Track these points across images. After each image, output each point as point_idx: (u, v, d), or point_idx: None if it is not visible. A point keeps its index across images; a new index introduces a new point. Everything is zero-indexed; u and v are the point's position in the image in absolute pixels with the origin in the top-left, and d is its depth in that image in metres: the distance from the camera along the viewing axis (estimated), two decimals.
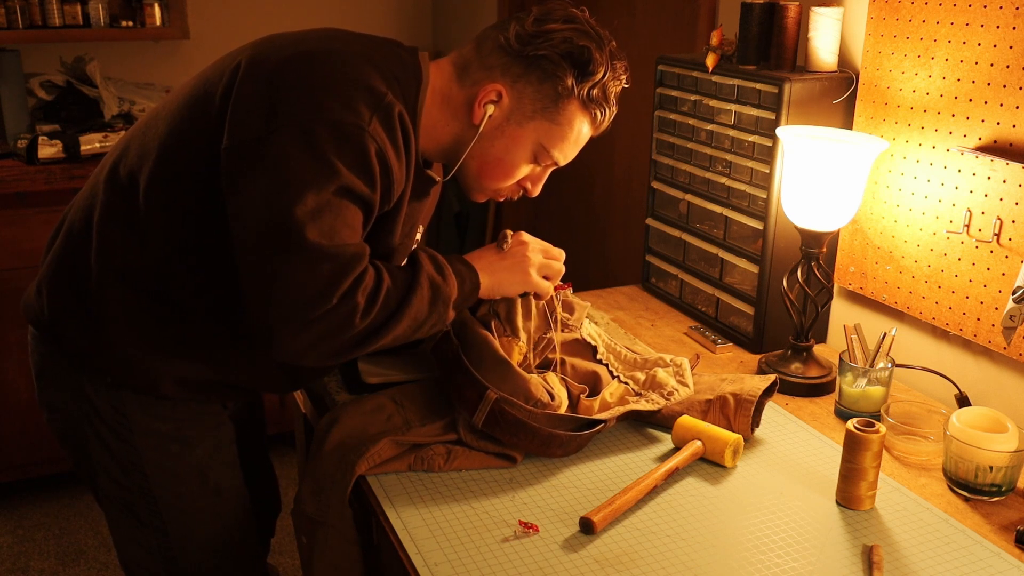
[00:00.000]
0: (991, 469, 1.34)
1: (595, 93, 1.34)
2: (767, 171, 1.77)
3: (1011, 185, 1.48)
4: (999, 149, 1.49)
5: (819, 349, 1.81)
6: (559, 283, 1.64)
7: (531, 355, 1.54)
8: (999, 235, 1.51)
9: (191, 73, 1.45)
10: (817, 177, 1.58)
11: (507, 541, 1.25)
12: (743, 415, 1.49)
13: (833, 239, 1.82)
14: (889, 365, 1.57)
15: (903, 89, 1.65)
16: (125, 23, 3.00)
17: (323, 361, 1.29)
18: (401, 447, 1.40)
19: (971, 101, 1.53)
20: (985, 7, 1.48)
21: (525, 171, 1.41)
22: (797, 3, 1.76)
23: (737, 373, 1.71)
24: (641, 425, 1.55)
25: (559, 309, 1.61)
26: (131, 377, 1.41)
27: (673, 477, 1.40)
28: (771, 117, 1.74)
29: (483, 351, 1.46)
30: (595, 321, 1.91)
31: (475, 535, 1.26)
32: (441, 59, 1.40)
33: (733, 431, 1.47)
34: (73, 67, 2.96)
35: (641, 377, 1.57)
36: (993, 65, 1.48)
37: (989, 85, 1.50)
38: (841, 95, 1.75)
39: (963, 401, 1.56)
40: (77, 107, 2.96)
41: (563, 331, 1.61)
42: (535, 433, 1.38)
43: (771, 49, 1.79)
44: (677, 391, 1.51)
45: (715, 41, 1.87)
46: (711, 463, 1.44)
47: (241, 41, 1.42)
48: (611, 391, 1.52)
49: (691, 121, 1.97)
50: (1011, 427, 1.37)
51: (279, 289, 1.21)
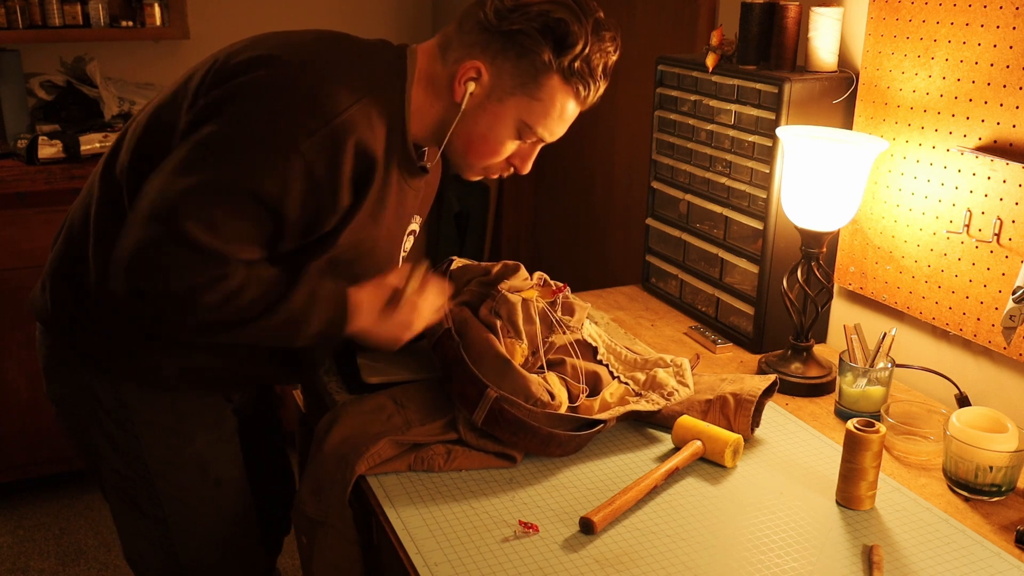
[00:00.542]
0: (991, 469, 1.34)
1: (576, 66, 1.31)
2: (767, 171, 1.77)
3: (1011, 185, 1.48)
4: (999, 149, 1.49)
5: (819, 349, 1.81)
6: (555, 285, 1.64)
7: (531, 357, 1.54)
8: (999, 235, 1.51)
9: None
10: (817, 177, 1.58)
11: (507, 541, 1.25)
12: (743, 415, 1.49)
13: (833, 239, 1.82)
14: (889, 365, 1.57)
15: (903, 89, 1.65)
16: (125, 23, 2.99)
17: (149, 324, 1.30)
18: (401, 447, 1.40)
19: (971, 101, 1.53)
20: (985, 7, 1.48)
21: (511, 148, 1.39)
22: (797, 3, 1.76)
23: (737, 373, 1.71)
24: (641, 425, 1.55)
25: (558, 312, 1.61)
26: (132, 370, 1.43)
27: (673, 477, 1.40)
28: (771, 117, 1.74)
29: (484, 350, 1.46)
30: (595, 321, 1.91)
31: (475, 535, 1.26)
32: (429, 41, 1.40)
33: (733, 431, 1.47)
34: (73, 67, 2.96)
35: (641, 377, 1.57)
36: (993, 65, 1.48)
37: (989, 85, 1.50)
38: (841, 95, 1.75)
39: (963, 401, 1.56)
40: (77, 107, 2.96)
41: (565, 333, 1.61)
42: (535, 432, 1.38)
43: (771, 49, 1.79)
44: (677, 391, 1.51)
45: (715, 41, 1.87)
46: (711, 463, 1.44)
47: None
48: (611, 391, 1.52)
49: (691, 121, 1.97)
50: (1011, 427, 1.37)
51: (139, 249, 1.21)
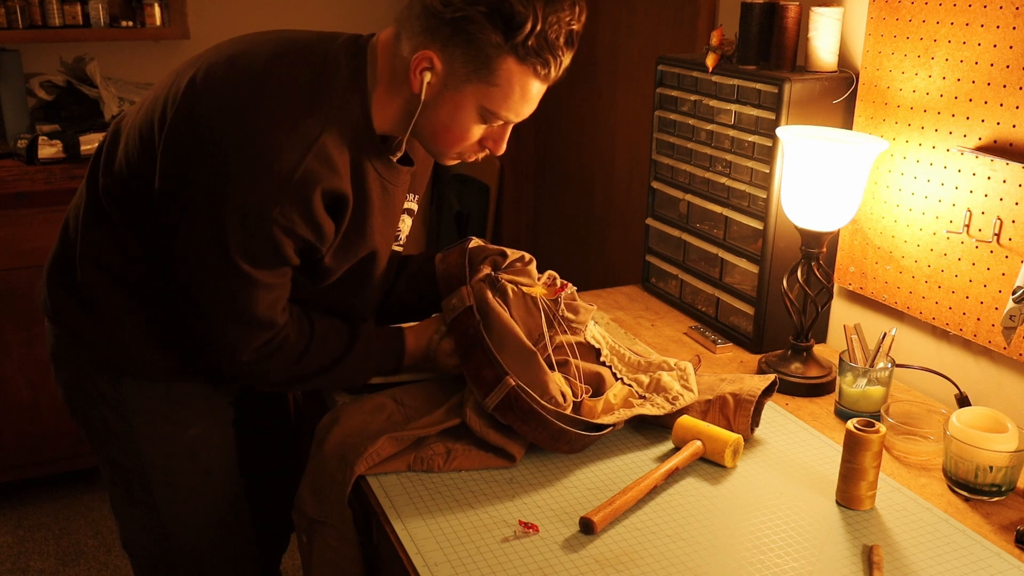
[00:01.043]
0: (991, 469, 1.34)
1: (531, 44, 1.24)
2: (767, 171, 1.76)
3: (1011, 185, 1.48)
4: (999, 149, 1.49)
5: (819, 349, 1.81)
6: (560, 283, 1.64)
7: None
8: (999, 235, 1.51)
9: None
10: (817, 177, 1.58)
11: (507, 541, 1.24)
12: (743, 415, 1.49)
13: (833, 239, 1.82)
14: (889, 365, 1.57)
15: (903, 89, 1.65)
16: (125, 23, 2.99)
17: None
18: (400, 444, 1.40)
19: (971, 101, 1.53)
20: (985, 7, 1.48)
21: (479, 132, 1.36)
22: (797, 3, 1.76)
23: (737, 373, 1.71)
24: (641, 425, 1.55)
25: (562, 310, 1.61)
26: (126, 361, 1.47)
27: (673, 477, 1.40)
28: (771, 117, 1.74)
29: (507, 335, 1.45)
30: (596, 322, 1.91)
31: (475, 535, 1.26)
32: (387, 30, 1.37)
33: (733, 431, 1.47)
34: (73, 67, 2.96)
35: (645, 380, 1.57)
36: (993, 65, 1.48)
37: (989, 85, 1.50)
38: (841, 95, 1.75)
39: (963, 401, 1.56)
40: (77, 107, 2.96)
41: (567, 333, 1.61)
42: (547, 425, 1.38)
43: (771, 49, 1.79)
44: (682, 396, 1.51)
45: (715, 41, 1.87)
46: (711, 463, 1.44)
47: None
48: (614, 392, 1.52)
49: (691, 121, 1.97)
50: (1011, 427, 1.37)
51: (198, 336, 1.40)
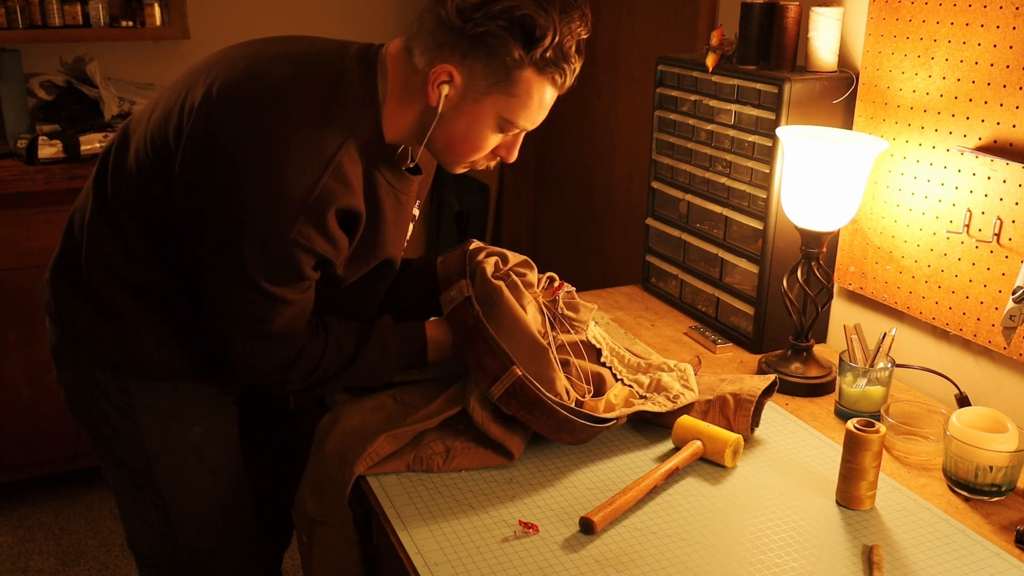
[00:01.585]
0: (991, 469, 1.34)
1: (549, 56, 1.27)
2: (767, 171, 1.77)
3: (1011, 185, 1.48)
4: (999, 149, 1.49)
5: (819, 349, 1.81)
6: (556, 282, 1.64)
7: None
8: (999, 235, 1.51)
9: None
10: (817, 177, 1.58)
11: (507, 541, 1.25)
12: (743, 415, 1.49)
13: (833, 239, 1.82)
14: (889, 365, 1.57)
15: (903, 89, 1.65)
16: (125, 23, 2.99)
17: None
18: (399, 441, 1.40)
19: (971, 101, 1.53)
20: (985, 7, 1.48)
21: (494, 141, 1.38)
22: (797, 3, 1.76)
23: (737, 373, 1.71)
24: (641, 425, 1.55)
25: (561, 308, 1.61)
26: (131, 361, 1.46)
27: (673, 477, 1.40)
28: (771, 117, 1.74)
29: (518, 329, 1.46)
30: (596, 322, 1.91)
31: (475, 535, 1.26)
32: (396, 41, 1.38)
33: (733, 431, 1.47)
34: (73, 67, 2.96)
35: (645, 381, 1.57)
36: (993, 65, 1.48)
37: (989, 85, 1.50)
38: (841, 95, 1.75)
39: (963, 401, 1.56)
40: (77, 107, 2.95)
41: (568, 331, 1.61)
42: (552, 414, 1.38)
43: (771, 49, 1.79)
44: (683, 395, 1.51)
45: (715, 41, 1.87)
46: (711, 463, 1.44)
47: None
48: (615, 393, 1.52)
49: (691, 121, 1.97)
50: (1011, 427, 1.37)
51: (236, 356, 1.40)
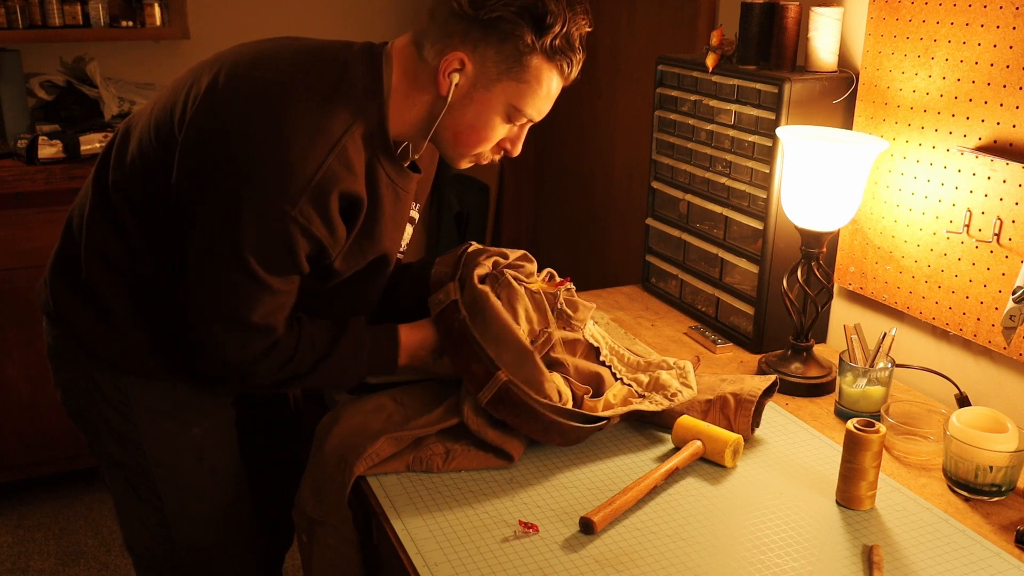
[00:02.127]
0: (991, 469, 1.34)
1: (558, 44, 1.31)
2: (767, 171, 1.77)
3: (1011, 185, 1.48)
4: (999, 149, 1.49)
5: (819, 349, 1.81)
6: (558, 279, 1.64)
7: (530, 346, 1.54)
8: (999, 235, 1.51)
9: None
10: (817, 177, 1.58)
11: (507, 541, 1.25)
12: (743, 415, 1.49)
13: (833, 239, 1.82)
14: (889, 365, 1.57)
15: (903, 89, 1.65)
16: (125, 23, 2.99)
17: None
18: (400, 444, 1.40)
19: (971, 101, 1.53)
20: (985, 7, 1.48)
21: (501, 132, 1.40)
22: (797, 3, 1.76)
23: (737, 373, 1.71)
24: (641, 425, 1.55)
25: (561, 303, 1.61)
26: (129, 360, 1.46)
27: (673, 477, 1.40)
28: (771, 117, 1.74)
29: (503, 333, 1.45)
30: (596, 322, 1.91)
31: (475, 535, 1.26)
32: (402, 38, 1.40)
33: (733, 431, 1.47)
34: (73, 67, 2.96)
35: (644, 379, 1.57)
36: (993, 65, 1.48)
37: (989, 85, 1.50)
38: (841, 95, 1.75)
39: (963, 401, 1.56)
40: (77, 107, 2.95)
41: (566, 328, 1.61)
42: (538, 417, 1.38)
43: (771, 49, 1.79)
44: (681, 392, 1.51)
45: (715, 41, 1.87)
46: (711, 463, 1.44)
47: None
48: (614, 392, 1.52)
49: (691, 121, 1.97)
50: (1011, 427, 1.37)
51: (204, 341, 1.37)
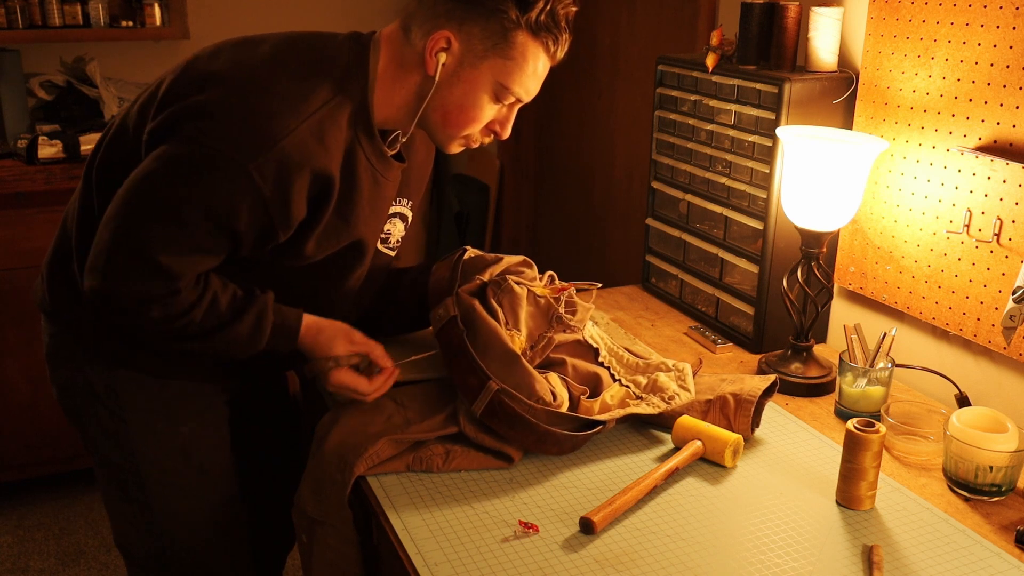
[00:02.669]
0: (991, 469, 1.34)
1: (543, 20, 1.32)
2: (767, 171, 1.76)
3: (1011, 185, 1.48)
4: (999, 149, 1.49)
5: (819, 349, 1.81)
6: (559, 284, 1.64)
7: (529, 351, 1.54)
8: (999, 235, 1.51)
9: None
10: (817, 177, 1.58)
11: (507, 541, 1.24)
12: (743, 415, 1.49)
13: (833, 239, 1.82)
14: (889, 365, 1.57)
15: (903, 89, 1.65)
16: (125, 23, 2.99)
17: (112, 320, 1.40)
18: (400, 446, 1.40)
19: (971, 101, 1.53)
20: (985, 7, 1.48)
21: (490, 113, 1.40)
22: (797, 3, 1.76)
23: (737, 373, 1.71)
24: (641, 425, 1.55)
25: (561, 308, 1.61)
26: (124, 356, 1.47)
27: (673, 477, 1.40)
28: (771, 117, 1.74)
29: (490, 340, 1.46)
30: (595, 322, 1.91)
31: (475, 535, 1.26)
32: (391, 25, 1.41)
33: (733, 431, 1.47)
34: (73, 67, 2.96)
35: (643, 381, 1.57)
36: (993, 65, 1.48)
37: (989, 85, 1.50)
38: (841, 95, 1.75)
39: (963, 401, 1.56)
40: (77, 107, 2.95)
41: (566, 331, 1.61)
42: (532, 428, 1.39)
43: (771, 49, 1.79)
44: (678, 395, 1.51)
45: (715, 41, 1.87)
46: (711, 463, 1.44)
47: None
48: (612, 393, 1.52)
49: (691, 121, 1.97)
50: (1011, 427, 1.37)
51: (99, 253, 1.30)
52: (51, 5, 2.87)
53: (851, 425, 1.33)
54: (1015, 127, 1.46)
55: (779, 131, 1.65)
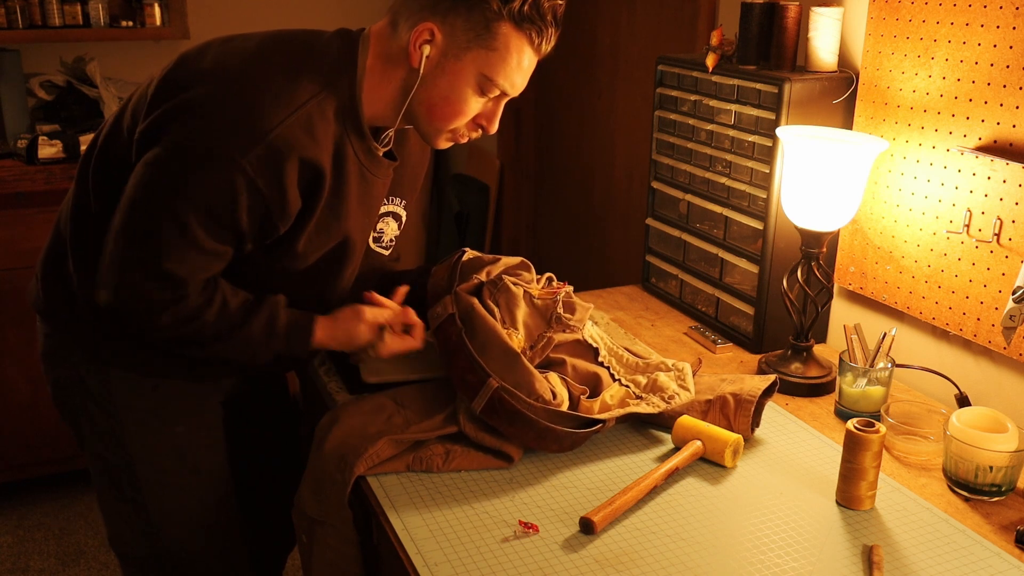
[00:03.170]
0: (991, 469, 1.34)
1: (526, 11, 1.32)
2: (767, 171, 1.76)
3: (1011, 185, 1.48)
4: (999, 149, 1.49)
5: (819, 349, 1.81)
6: (556, 285, 1.64)
7: (529, 351, 1.54)
8: (999, 235, 1.51)
9: None
10: (817, 177, 1.58)
11: (507, 541, 1.25)
12: (743, 415, 1.49)
13: (833, 239, 1.82)
14: (889, 365, 1.57)
15: (903, 89, 1.65)
16: (125, 23, 2.99)
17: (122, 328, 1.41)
18: (400, 446, 1.40)
19: (971, 101, 1.53)
20: (985, 7, 1.48)
21: (476, 107, 1.39)
22: (797, 3, 1.76)
23: (737, 373, 1.71)
24: (641, 425, 1.55)
25: (559, 308, 1.61)
26: (119, 355, 1.47)
27: (673, 477, 1.40)
28: (771, 117, 1.74)
29: (489, 338, 1.46)
30: (595, 322, 1.91)
31: (475, 535, 1.26)
32: (380, 21, 1.41)
33: (733, 431, 1.47)
34: (73, 67, 2.96)
35: (642, 381, 1.57)
36: (993, 65, 1.48)
37: (989, 85, 1.49)
38: (841, 95, 1.75)
39: (963, 401, 1.56)
40: (77, 107, 2.96)
41: (565, 331, 1.61)
42: (532, 425, 1.39)
43: (771, 49, 1.79)
44: (678, 395, 1.51)
45: (715, 41, 1.86)
46: (711, 463, 1.44)
47: None
48: (611, 393, 1.52)
49: (691, 121, 1.97)
50: (1011, 427, 1.37)
51: (109, 268, 1.32)
52: (51, 5, 2.87)
53: (851, 425, 1.33)
54: (1015, 127, 1.46)
55: (779, 131, 1.65)
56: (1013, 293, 1.43)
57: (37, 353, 1.57)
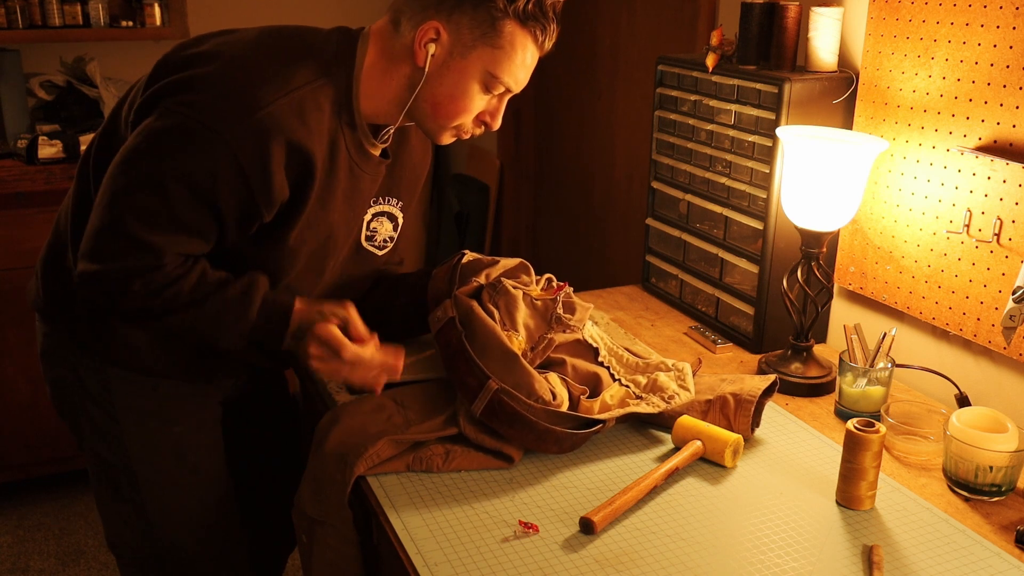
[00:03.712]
0: (991, 469, 1.34)
1: (530, 9, 1.33)
2: (767, 171, 1.77)
3: (1011, 185, 1.48)
4: (999, 149, 1.49)
5: (819, 349, 1.81)
6: (556, 283, 1.64)
7: (530, 352, 1.54)
8: (999, 235, 1.51)
9: None
10: (817, 177, 1.58)
11: (507, 541, 1.25)
12: (743, 415, 1.49)
13: (833, 239, 1.82)
14: (889, 365, 1.57)
15: (903, 89, 1.65)
16: (125, 23, 3.00)
17: (92, 306, 1.39)
18: (400, 446, 1.40)
19: (971, 101, 1.53)
20: (985, 7, 1.48)
21: (480, 104, 1.40)
22: (797, 3, 1.76)
23: (737, 373, 1.71)
24: (641, 425, 1.55)
25: (559, 309, 1.61)
26: (118, 353, 1.47)
27: (673, 477, 1.40)
28: (771, 117, 1.74)
29: (489, 341, 1.46)
30: (595, 322, 1.91)
31: (475, 535, 1.26)
32: (380, 20, 1.42)
33: (733, 431, 1.47)
34: (73, 67, 2.96)
35: (642, 381, 1.57)
36: (993, 65, 1.48)
37: (989, 85, 1.50)
38: (841, 95, 1.75)
39: (963, 401, 1.56)
40: (77, 107, 2.96)
41: (565, 332, 1.61)
42: (532, 427, 1.39)
43: (771, 49, 1.79)
44: (678, 395, 1.51)
45: (715, 41, 1.87)
46: (711, 463, 1.44)
47: None
48: (611, 393, 1.52)
49: (691, 121, 1.97)
50: (1011, 427, 1.37)
51: (90, 236, 1.30)
52: (51, 5, 2.87)
53: (851, 425, 1.33)
54: (1015, 127, 1.46)
55: (779, 131, 1.65)
56: (1013, 293, 1.43)
57: (36, 353, 1.57)
